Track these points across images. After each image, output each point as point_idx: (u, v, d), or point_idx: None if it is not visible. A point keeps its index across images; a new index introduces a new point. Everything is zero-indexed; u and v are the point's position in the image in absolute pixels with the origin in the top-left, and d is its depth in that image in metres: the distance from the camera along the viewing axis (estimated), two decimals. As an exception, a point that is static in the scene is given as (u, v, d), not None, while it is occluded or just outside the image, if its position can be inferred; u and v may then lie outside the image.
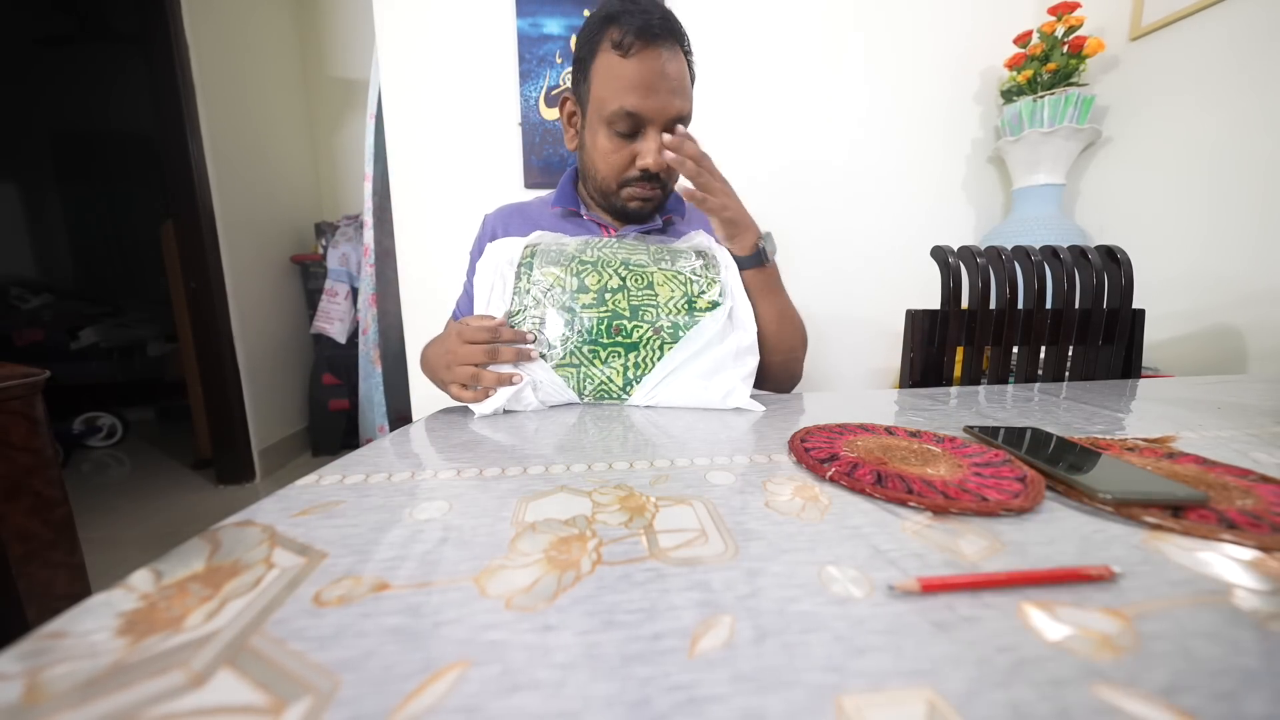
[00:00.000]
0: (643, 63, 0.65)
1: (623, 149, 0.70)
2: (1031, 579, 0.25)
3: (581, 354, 0.58)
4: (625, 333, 0.59)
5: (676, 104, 0.66)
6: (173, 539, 1.24)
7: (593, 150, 0.73)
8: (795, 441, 0.44)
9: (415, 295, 1.55)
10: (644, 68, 0.65)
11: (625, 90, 0.66)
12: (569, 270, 0.62)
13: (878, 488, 0.35)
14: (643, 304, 0.60)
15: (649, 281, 0.61)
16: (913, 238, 1.67)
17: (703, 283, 0.62)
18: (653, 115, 0.66)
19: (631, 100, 0.66)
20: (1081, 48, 1.38)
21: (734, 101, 1.57)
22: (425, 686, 0.19)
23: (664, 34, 0.65)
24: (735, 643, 0.21)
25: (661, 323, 0.60)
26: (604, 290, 0.60)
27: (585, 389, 0.59)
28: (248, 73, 2.20)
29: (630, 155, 0.70)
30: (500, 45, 1.46)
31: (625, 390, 0.58)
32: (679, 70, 0.66)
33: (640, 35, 0.64)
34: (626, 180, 0.72)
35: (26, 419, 0.90)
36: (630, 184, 0.72)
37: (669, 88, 0.65)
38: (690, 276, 0.62)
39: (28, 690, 0.19)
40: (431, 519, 0.33)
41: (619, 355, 0.58)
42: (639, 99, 0.65)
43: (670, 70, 0.65)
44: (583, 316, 0.59)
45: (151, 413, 3.09)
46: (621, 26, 0.65)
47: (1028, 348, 0.96)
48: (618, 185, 0.73)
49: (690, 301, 0.61)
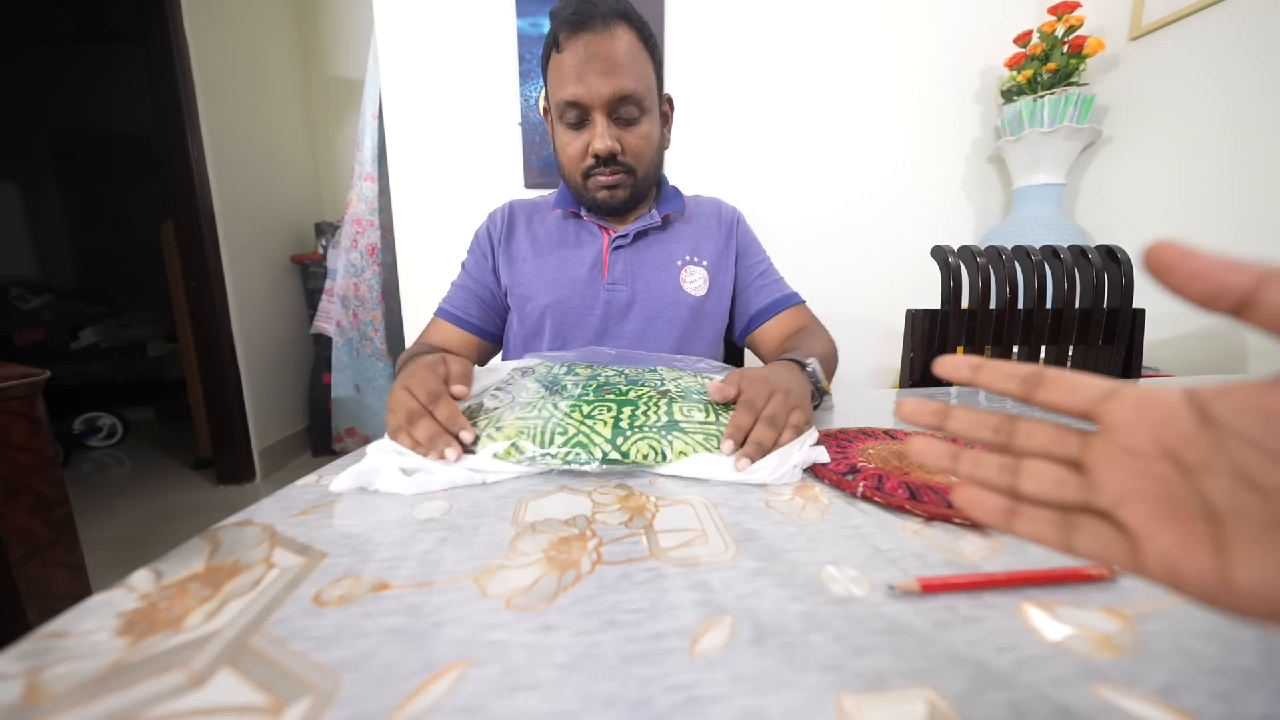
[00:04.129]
0: (573, 52, 0.66)
1: (576, 140, 0.71)
2: (1031, 579, 0.25)
3: (558, 421, 0.44)
4: (619, 392, 0.49)
5: (611, 83, 0.66)
6: (173, 539, 1.24)
7: (558, 148, 0.75)
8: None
9: (415, 295, 1.55)
10: (574, 56, 0.66)
11: (564, 82, 0.67)
12: (554, 371, 0.56)
13: (916, 503, 0.33)
14: (644, 379, 0.53)
15: (659, 374, 0.55)
16: (913, 238, 1.67)
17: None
18: (590, 100, 0.67)
19: (569, 90, 0.67)
20: (1081, 47, 1.38)
21: (735, 101, 1.57)
22: (425, 686, 0.19)
23: (591, 18, 0.65)
24: (735, 643, 0.21)
25: (668, 387, 0.51)
26: (595, 375, 0.54)
27: (552, 441, 0.42)
28: (248, 73, 2.20)
29: (584, 145, 0.71)
30: (500, 45, 1.46)
31: (614, 443, 0.41)
32: (610, 50, 0.66)
33: (566, 25, 0.66)
34: (587, 170, 0.72)
35: (27, 419, 0.90)
36: (591, 173, 0.72)
37: (599, 69, 0.65)
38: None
39: (28, 690, 0.19)
40: (431, 519, 0.33)
41: (608, 409, 0.45)
42: (574, 86, 0.66)
43: (600, 52, 0.65)
44: (565, 384, 0.51)
45: (151, 413, 3.09)
46: (556, 24, 0.67)
47: (1028, 347, 0.96)
48: (582, 177, 0.73)
49: (709, 405, 0.48)
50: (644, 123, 0.70)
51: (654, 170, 0.76)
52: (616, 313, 0.78)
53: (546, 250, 0.79)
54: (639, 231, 0.78)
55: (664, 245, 0.80)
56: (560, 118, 0.70)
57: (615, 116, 0.69)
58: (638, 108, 0.69)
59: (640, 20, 0.69)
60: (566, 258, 0.78)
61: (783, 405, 0.45)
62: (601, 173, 0.71)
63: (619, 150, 0.70)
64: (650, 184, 0.78)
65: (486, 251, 0.82)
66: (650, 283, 0.78)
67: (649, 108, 0.70)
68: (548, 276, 0.77)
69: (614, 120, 0.69)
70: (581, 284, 0.77)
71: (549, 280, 0.77)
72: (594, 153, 0.69)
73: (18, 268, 3.19)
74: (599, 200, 0.74)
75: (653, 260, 0.79)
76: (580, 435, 0.42)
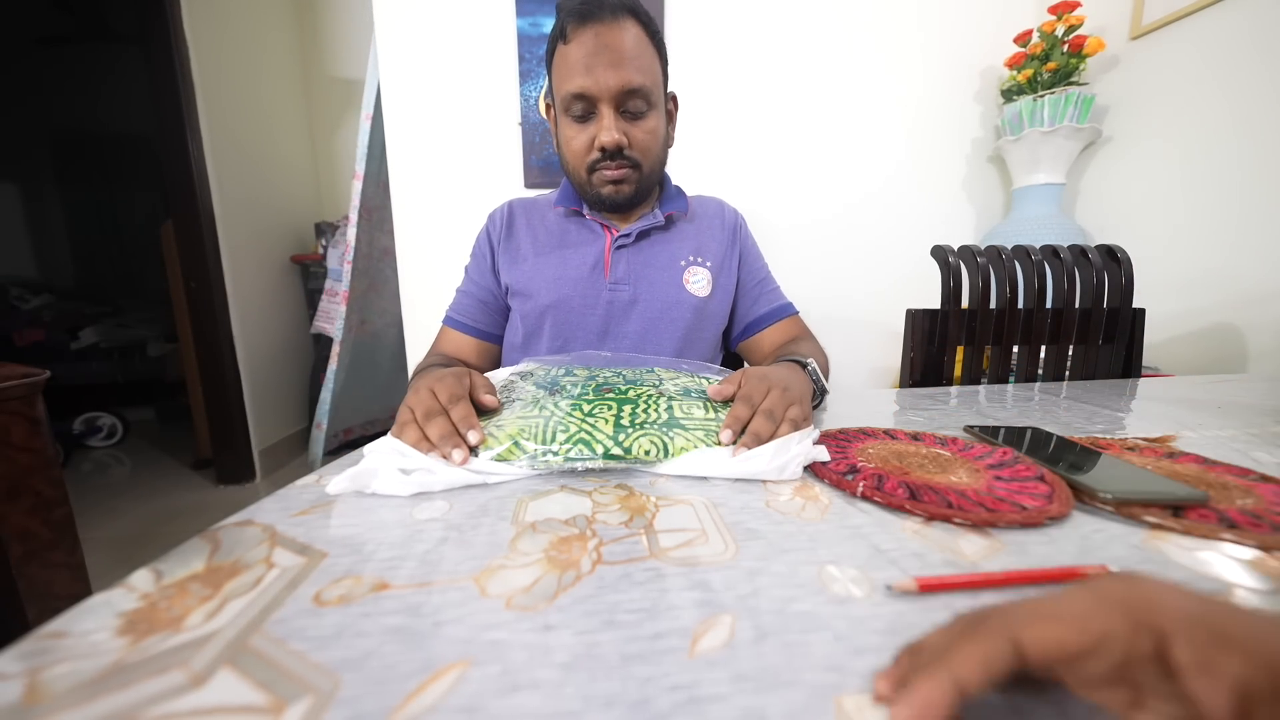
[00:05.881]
0: (580, 44, 0.65)
1: (582, 133, 0.70)
2: (1030, 578, 0.25)
3: (559, 419, 0.44)
4: (618, 391, 0.49)
5: (619, 76, 0.65)
6: (173, 539, 1.24)
7: (561, 143, 0.74)
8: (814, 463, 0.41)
9: (415, 295, 1.55)
10: (581, 48, 0.65)
11: (570, 74, 0.67)
12: (552, 374, 0.56)
13: (916, 503, 0.33)
14: (642, 379, 0.53)
15: (657, 375, 0.55)
16: (913, 238, 1.67)
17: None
18: (597, 92, 0.66)
19: (576, 82, 0.66)
20: (1082, 47, 1.38)
21: (735, 101, 1.57)
22: (425, 686, 0.19)
23: (599, 10, 0.65)
24: (735, 642, 0.21)
25: (666, 387, 0.50)
26: (593, 376, 0.55)
27: (554, 439, 0.42)
28: (247, 73, 2.20)
29: (590, 138, 0.70)
30: (500, 45, 1.46)
31: (616, 440, 0.41)
32: (618, 42, 0.65)
33: (574, 17, 0.65)
34: (592, 165, 0.72)
35: (27, 419, 0.90)
36: (596, 167, 0.72)
37: (607, 61, 0.65)
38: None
39: (28, 690, 0.19)
40: (432, 519, 0.33)
41: (608, 408, 0.45)
42: (581, 78, 0.66)
43: (609, 44, 0.65)
44: (564, 384, 0.51)
45: (151, 413, 3.09)
46: (562, 16, 0.66)
47: (1028, 347, 0.96)
48: (587, 172, 0.73)
49: (708, 402, 0.48)
50: (650, 117, 0.70)
51: (659, 167, 0.76)
52: (619, 312, 0.77)
53: (547, 249, 0.79)
54: (641, 231, 0.78)
55: (667, 245, 0.80)
56: (566, 111, 0.69)
57: (622, 110, 0.68)
58: (645, 102, 0.68)
59: (647, 15, 0.68)
60: (568, 257, 0.78)
61: (780, 400, 0.45)
62: (607, 166, 0.71)
63: (626, 144, 0.69)
64: (655, 181, 0.78)
65: (486, 253, 0.82)
66: (653, 283, 0.77)
67: (655, 102, 0.70)
68: (549, 275, 0.77)
69: (621, 114, 0.68)
70: (583, 283, 0.76)
71: (550, 279, 0.77)
72: (600, 145, 0.69)
73: (18, 268, 3.19)
74: (604, 195, 0.73)
75: (655, 260, 0.78)
76: (582, 433, 0.42)
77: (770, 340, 0.82)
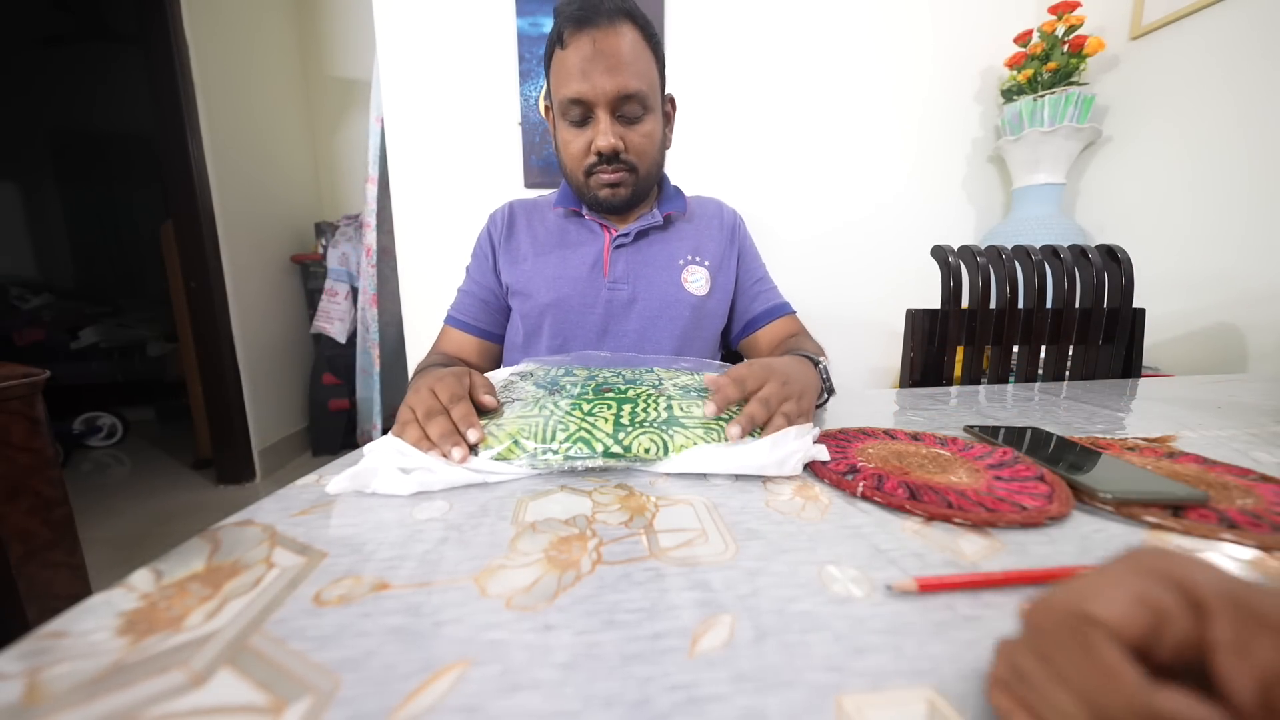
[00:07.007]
0: (577, 49, 0.66)
1: (579, 137, 0.71)
2: (1030, 578, 0.25)
3: (559, 418, 0.44)
4: (618, 391, 0.49)
5: (615, 81, 0.66)
6: (173, 539, 1.24)
7: (559, 145, 0.75)
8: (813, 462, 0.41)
9: (415, 295, 1.55)
10: (578, 53, 0.66)
11: (567, 80, 0.67)
12: (552, 374, 0.56)
13: (916, 503, 0.33)
14: (641, 378, 0.53)
15: (656, 374, 0.55)
16: (913, 238, 1.67)
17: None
18: (594, 97, 0.67)
19: (572, 87, 0.67)
20: (1082, 47, 1.38)
21: (734, 102, 1.57)
22: (425, 686, 0.19)
23: (596, 15, 0.65)
24: (735, 642, 0.21)
25: (665, 387, 0.50)
26: (592, 375, 0.55)
27: (553, 438, 0.42)
28: (248, 73, 2.20)
29: (587, 142, 0.70)
30: (500, 45, 1.46)
31: (615, 438, 0.41)
32: (614, 47, 0.66)
33: (571, 22, 0.66)
34: (589, 168, 0.72)
35: (27, 419, 0.90)
36: (593, 171, 0.72)
37: (604, 67, 0.65)
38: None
39: (28, 690, 0.19)
40: (431, 519, 0.33)
41: (608, 407, 0.45)
42: (578, 84, 0.66)
43: (605, 49, 0.65)
44: (563, 384, 0.51)
45: (151, 413, 3.09)
46: (560, 21, 0.67)
47: (1028, 347, 0.96)
48: (584, 175, 0.73)
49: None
50: (647, 121, 0.70)
51: (656, 169, 0.76)
52: (618, 311, 0.78)
53: (547, 249, 0.79)
54: (640, 231, 0.78)
55: (665, 245, 0.80)
56: (563, 115, 0.70)
57: (619, 114, 0.69)
58: (641, 106, 0.69)
59: (644, 19, 0.69)
60: (567, 256, 0.78)
61: (777, 391, 0.45)
62: (604, 170, 0.71)
63: (622, 148, 0.70)
64: (652, 183, 0.78)
65: (487, 253, 0.82)
66: (652, 282, 0.78)
67: (652, 106, 0.70)
68: (548, 275, 0.77)
69: (617, 118, 0.69)
70: (582, 282, 0.77)
71: (550, 279, 0.77)
72: (597, 150, 0.69)
73: (18, 268, 3.19)
74: (601, 198, 0.74)
75: (654, 259, 0.79)
76: (582, 431, 0.42)
77: (770, 338, 0.82)
